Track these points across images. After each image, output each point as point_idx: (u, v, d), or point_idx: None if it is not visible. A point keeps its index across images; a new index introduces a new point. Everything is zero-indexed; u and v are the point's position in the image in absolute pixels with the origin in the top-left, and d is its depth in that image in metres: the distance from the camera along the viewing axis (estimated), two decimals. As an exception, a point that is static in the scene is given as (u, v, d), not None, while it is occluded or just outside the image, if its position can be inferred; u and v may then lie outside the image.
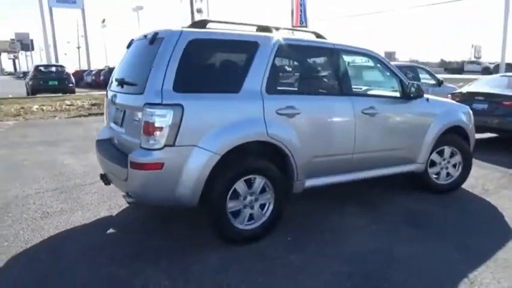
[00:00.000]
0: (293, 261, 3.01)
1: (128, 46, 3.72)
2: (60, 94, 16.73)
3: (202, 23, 3.23)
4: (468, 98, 7.52)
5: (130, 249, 3.17)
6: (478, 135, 8.01)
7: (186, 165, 2.89)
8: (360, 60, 4.62)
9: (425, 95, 4.42)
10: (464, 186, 4.87)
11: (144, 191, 2.92)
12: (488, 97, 7.27)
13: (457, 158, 4.60)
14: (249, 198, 3.21)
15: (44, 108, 12.85)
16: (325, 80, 3.80)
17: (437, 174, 4.59)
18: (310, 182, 3.57)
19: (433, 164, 4.52)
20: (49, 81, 17.29)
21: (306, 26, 17.25)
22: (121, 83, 3.31)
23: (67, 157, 6.27)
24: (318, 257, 3.08)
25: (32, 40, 74.19)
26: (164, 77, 2.83)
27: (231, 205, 3.12)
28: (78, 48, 65.84)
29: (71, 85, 16.71)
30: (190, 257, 3.03)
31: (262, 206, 3.31)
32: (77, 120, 11.01)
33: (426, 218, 3.91)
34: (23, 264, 2.96)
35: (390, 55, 62.15)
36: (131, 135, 3.12)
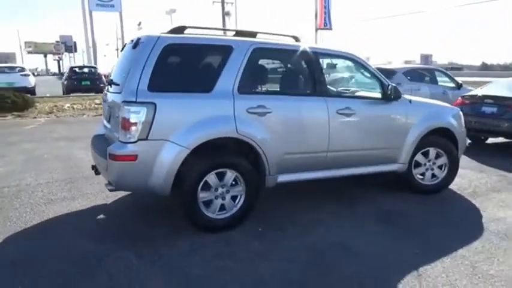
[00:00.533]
0: (256, 248, 3.25)
1: (122, 49, 4.08)
2: (92, 94, 17.68)
3: (181, 29, 3.54)
4: (478, 101, 7.43)
5: (112, 232, 3.52)
6: (491, 140, 7.98)
7: (158, 157, 3.19)
8: (342, 63, 4.77)
9: (410, 97, 4.53)
10: (455, 188, 4.91)
11: (121, 180, 3.26)
12: (497, 100, 7.14)
13: (443, 160, 4.66)
14: (220, 190, 3.48)
15: (75, 106, 13.67)
16: (299, 81, 4.00)
17: (422, 175, 4.66)
18: (283, 178, 3.78)
19: (418, 164, 4.60)
20: (82, 81, 18.32)
21: (330, 29, 17.29)
22: (109, 83, 3.68)
23: (83, 152, 6.77)
24: (281, 246, 3.30)
25: (75, 42, 77.71)
26: (140, 77, 3.16)
27: (203, 195, 3.40)
28: (117, 50, 68.54)
29: (102, 85, 17.59)
30: (163, 242, 3.33)
31: (234, 198, 3.56)
32: (102, 118, 11.66)
33: (400, 217, 4.02)
34: (17, 241, 3.37)
35: (426, 58, 60.26)
36: (115, 130, 3.47)
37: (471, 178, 5.43)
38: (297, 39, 4.06)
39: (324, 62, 4.44)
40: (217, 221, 3.50)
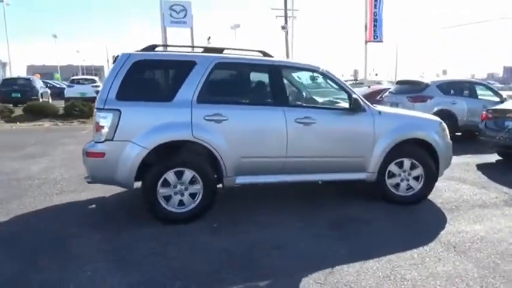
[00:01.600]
0: (200, 240, 3.66)
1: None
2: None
3: (152, 47, 4.13)
4: (500, 116, 7.10)
5: (93, 220, 4.16)
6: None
7: (122, 155, 3.78)
8: (312, 76, 5.01)
9: (382, 108, 4.66)
10: (438, 201, 4.88)
11: (93, 173, 3.91)
12: (520, 115, 6.78)
13: (419, 171, 4.67)
14: (179, 187, 3.97)
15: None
16: (257, 92, 4.39)
17: (397, 185, 4.72)
18: (241, 179, 4.17)
19: (392, 175, 4.68)
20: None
21: (381, 41, 17.10)
22: (96, 92, 4.37)
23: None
24: (220, 239, 3.68)
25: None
26: (110, 88, 3.80)
27: (162, 191, 3.92)
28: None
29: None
30: (130, 229, 3.88)
31: (193, 195, 4.02)
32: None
33: (358, 223, 4.16)
34: (19, 220, 4.16)
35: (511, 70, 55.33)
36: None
37: (465, 193, 5.30)
38: (265, 53, 4.45)
39: (293, 75, 4.80)
40: (176, 215, 3.98)
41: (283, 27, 24.02)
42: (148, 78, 4.07)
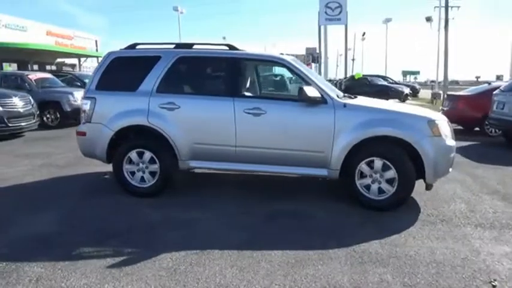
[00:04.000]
0: (142, 211, 4.21)
1: None
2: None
3: (133, 45, 4.81)
4: None
5: (80, 189, 5.07)
6: None
7: (97, 135, 4.61)
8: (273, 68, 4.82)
9: (345, 101, 4.29)
10: (429, 211, 4.23)
11: (81, 148, 4.85)
12: None
13: (392, 173, 4.12)
14: (141, 165, 4.58)
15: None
16: (213, 84, 4.56)
17: (368, 187, 4.26)
18: (194, 164, 4.52)
19: (364, 175, 4.26)
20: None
21: None
22: None
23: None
24: (157, 211, 4.14)
25: (318, 54, 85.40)
26: (93, 80, 4.67)
27: (127, 167, 4.60)
28: (353, 60, 72.26)
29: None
30: (105, 199, 4.68)
31: (153, 174, 4.59)
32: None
33: (289, 218, 4.02)
34: (27, 185, 5.36)
35: None
36: None
37: (472, 204, 4.45)
38: (231, 47, 4.62)
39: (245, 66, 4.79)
40: (139, 189, 4.61)
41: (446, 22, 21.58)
42: (121, 72, 4.73)
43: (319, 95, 4.18)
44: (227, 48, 4.64)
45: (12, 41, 27.35)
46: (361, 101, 4.61)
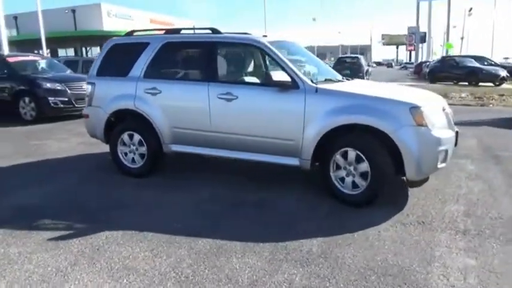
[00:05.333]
0: (119, 189, 4.49)
1: None
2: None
3: (131, 32, 5.01)
4: None
5: (89, 166, 5.51)
6: None
7: (96, 117, 4.97)
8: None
9: (319, 85, 3.95)
10: (412, 210, 3.77)
11: (87, 130, 5.27)
12: None
13: (364, 166, 3.71)
14: (132, 147, 4.84)
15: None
16: (192, 68, 4.50)
17: (342, 180, 3.91)
18: (176, 148, 4.62)
19: (338, 167, 3.92)
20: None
21: None
22: None
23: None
24: (134, 191, 4.37)
25: (425, 33, 78.64)
26: (94, 66, 5.03)
27: (121, 149, 4.89)
28: (462, 39, 65.15)
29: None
30: (99, 177, 5.04)
31: (142, 155, 4.81)
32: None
33: (257, 209, 3.89)
34: (60, 159, 6.00)
35: None
36: None
37: (476, 207, 3.79)
38: (214, 31, 4.53)
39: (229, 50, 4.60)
40: (130, 169, 4.88)
41: None
42: (117, 58, 4.94)
43: (288, 79, 3.91)
44: (210, 32, 4.58)
45: (118, 29, 30.31)
46: (341, 85, 4.20)
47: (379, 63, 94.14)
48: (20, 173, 5.29)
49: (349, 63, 21.46)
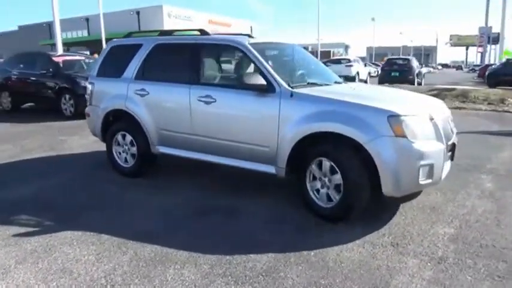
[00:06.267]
0: (106, 189, 4.56)
1: None
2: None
3: (129, 34, 5.06)
4: None
5: (90, 163, 5.66)
6: None
7: (94, 116, 5.11)
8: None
9: (296, 90, 3.70)
10: (392, 229, 3.42)
11: (89, 127, 5.42)
12: None
13: (338, 178, 3.41)
14: (125, 147, 4.90)
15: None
16: (178, 70, 4.38)
17: (318, 191, 3.63)
18: (163, 149, 4.59)
19: (314, 177, 3.65)
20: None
21: None
22: None
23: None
24: (117, 191, 4.42)
25: (498, 33, 72.73)
26: (95, 67, 5.16)
27: (115, 149, 4.98)
28: (542, 36, 59.32)
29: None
30: (95, 175, 5.16)
31: (133, 155, 4.85)
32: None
33: (224, 218, 3.73)
34: (45, 157, 6.20)
35: None
36: None
37: (469, 231, 3.29)
38: (202, 32, 4.42)
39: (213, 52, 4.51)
40: (124, 169, 4.95)
41: None
42: (115, 59, 5.01)
43: (263, 83, 3.71)
44: (198, 33, 4.49)
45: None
46: (322, 89, 3.89)
47: (445, 65, 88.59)
48: (29, 167, 5.59)
49: (398, 65, 20.47)
